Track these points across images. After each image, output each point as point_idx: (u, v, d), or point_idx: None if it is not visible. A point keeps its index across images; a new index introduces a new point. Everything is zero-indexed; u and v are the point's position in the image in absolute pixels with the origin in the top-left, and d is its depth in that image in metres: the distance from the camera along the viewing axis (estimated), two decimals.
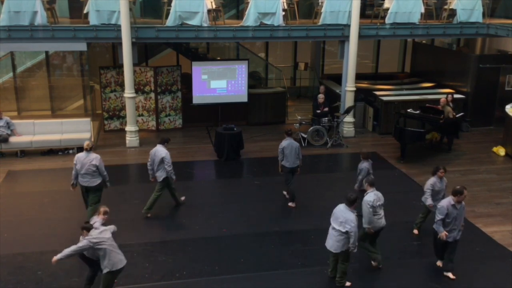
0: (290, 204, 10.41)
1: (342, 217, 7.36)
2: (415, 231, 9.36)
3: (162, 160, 9.51)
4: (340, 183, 11.86)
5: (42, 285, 7.63)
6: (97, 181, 9.14)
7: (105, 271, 6.80)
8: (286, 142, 10.17)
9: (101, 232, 6.81)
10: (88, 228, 6.84)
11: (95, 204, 9.10)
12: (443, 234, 7.67)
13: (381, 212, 8.06)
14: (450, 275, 7.96)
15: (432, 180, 8.89)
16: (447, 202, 7.82)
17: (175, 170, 9.73)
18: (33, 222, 9.56)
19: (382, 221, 8.04)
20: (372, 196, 7.99)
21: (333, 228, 7.48)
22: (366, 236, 8.10)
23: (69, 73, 16.57)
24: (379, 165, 12.79)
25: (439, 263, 8.23)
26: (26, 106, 15.98)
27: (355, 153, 13.71)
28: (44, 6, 12.42)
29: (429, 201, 8.81)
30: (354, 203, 7.36)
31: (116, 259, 6.80)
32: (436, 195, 8.84)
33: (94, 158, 9.04)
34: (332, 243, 7.54)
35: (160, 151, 9.57)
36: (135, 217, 9.80)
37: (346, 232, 7.31)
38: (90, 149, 9.13)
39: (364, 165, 10.19)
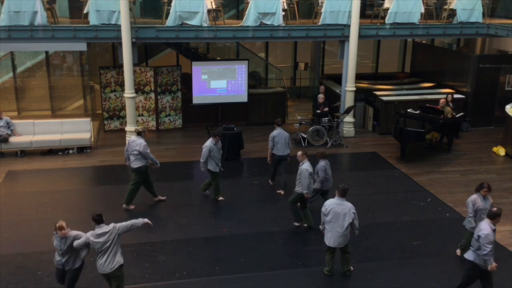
0: (279, 191, 10.88)
1: (342, 211, 7.52)
2: (458, 252, 8.61)
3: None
4: (340, 183, 11.82)
5: (42, 285, 7.63)
6: (138, 163, 9.82)
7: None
8: (276, 132, 10.78)
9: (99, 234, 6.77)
10: (98, 220, 6.80)
11: (133, 184, 9.96)
12: (494, 266, 6.83)
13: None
14: None
15: (473, 197, 8.08)
16: (489, 228, 6.86)
17: (176, 170, 9.73)
18: (33, 222, 9.56)
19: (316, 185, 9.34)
20: (308, 165, 9.06)
21: (337, 226, 7.57)
22: (298, 200, 9.19)
23: (69, 73, 16.57)
24: (379, 165, 12.82)
25: None
26: (26, 106, 15.99)
27: (355, 153, 13.74)
28: (44, 6, 12.42)
29: (471, 224, 7.99)
30: (346, 193, 7.69)
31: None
32: (479, 215, 7.98)
33: (139, 143, 9.73)
34: (336, 239, 7.65)
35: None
36: (135, 217, 9.75)
37: (350, 223, 7.55)
38: (139, 134, 9.89)
39: (321, 164, 9.72)
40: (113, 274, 6.75)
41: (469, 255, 7.13)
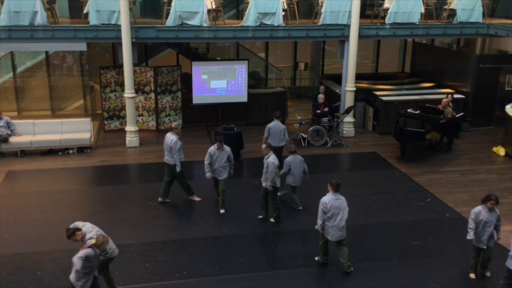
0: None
1: (341, 205, 7.80)
2: (472, 275, 8.04)
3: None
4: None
5: (42, 285, 7.63)
6: (171, 161, 10.02)
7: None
8: (273, 124, 11.26)
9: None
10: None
11: (165, 181, 10.20)
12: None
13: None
14: None
15: (477, 209, 7.73)
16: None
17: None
18: (33, 222, 9.56)
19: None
20: (274, 158, 9.27)
21: (337, 221, 7.78)
22: (270, 193, 9.37)
23: (69, 73, 16.57)
24: (379, 165, 12.82)
25: None
26: (26, 106, 15.99)
27: (355, 153, 13.75)
28: (44, 6, 12.42)
29: (469, 235, 7.72)
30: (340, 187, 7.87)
31: None
32: (482, 228, 7.70)
33: (171, 140, 9.95)
34: (338, 233, 7.85)
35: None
36: (135, 217, 9.80)
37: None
38: (171, 130, 10.16)
39: (287, 159, 9.85)
40: None
41: (509, 263, 7.11)
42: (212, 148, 9.89)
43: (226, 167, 9.94)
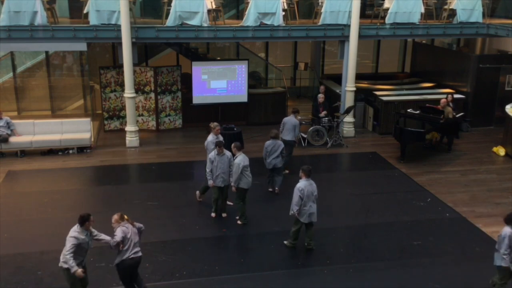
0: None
1: (313, 190, 8.34)
2: None
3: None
4: (340, 183, 11.88)
5: (42, 285, 7.64)
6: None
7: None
8: (288, 118, 11.72)
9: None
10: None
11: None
12: None
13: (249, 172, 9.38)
14: None
15: (507, 231, 6.96)
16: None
17: (176, 170, 9.72)
18: (33, 222, 9.56)
19: (250, 181, 9.39)
20: (241, 159, 9.27)
21: (312, 202, 8.36)
22: (242, 194, 9.41)
23: (69, 73, 16.57)
24: (379, 165, 12.82)
25: None
26: (26, 106, 15.98)
27: (355, 153, 13.75)
28: (44, 6, 12.42)
29: (506, 263, 6.96)
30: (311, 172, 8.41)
31: None
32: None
33: (208, 140, 10.20)
34: (312, 216, 8.43)
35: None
36: (135, 217, 9.76)
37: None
38: (210, 130, 10.39)
39: (268, 142, 10.44)
40: None
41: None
42: (212, 154, 9.55)
43: (229, 174, 9.50)
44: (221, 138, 10.22)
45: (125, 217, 6.98)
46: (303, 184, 8.24)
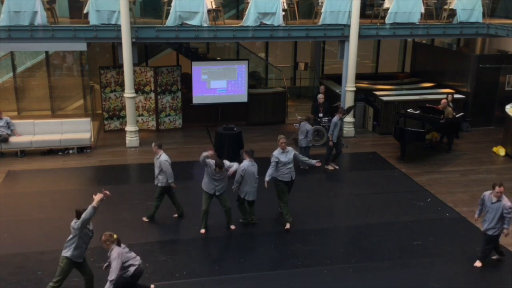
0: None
1: (255, 170, 9.03)
2: None
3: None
4: (340, 183, 11.87)
5: (42, 285, 7.62)
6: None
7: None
8: (303, 123, 12.07)
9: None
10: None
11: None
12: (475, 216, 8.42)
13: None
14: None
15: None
16: (489, 191, 8.13)
17: (176, 170, 9.68)
18: (33, 222, 9.56)
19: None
20: (166, 157, 9.29)
21: (254, 182, 9.05)
22: (164, 193, 9.54)
23: (69, 73, 16.57)
24: (379, 165, 12.82)
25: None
26: (26, 106, 15.99)
27: (355, 153, 13.75)
28: (44, 6, 12.42)
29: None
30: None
31: None
32: None
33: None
34: (253, 193, 9.18)
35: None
36: (135, 217, 9.80)
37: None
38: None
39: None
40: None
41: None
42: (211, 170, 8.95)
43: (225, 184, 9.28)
44: (288, 150, 9.47)
45: (115, 236, 6.80)
46: (246, 164, 9.00)
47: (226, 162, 9.01)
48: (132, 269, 6.80)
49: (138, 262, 6.91)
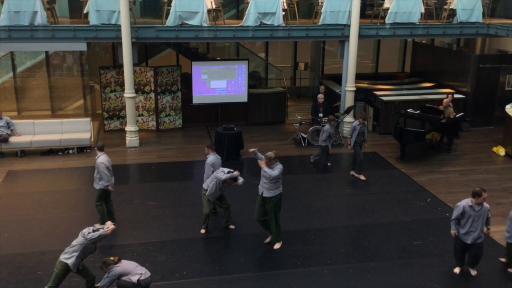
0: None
1: (220, 162, 9.45)
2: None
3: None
4: (340, 183, 11.86)
5: (42, 285, 7.61)
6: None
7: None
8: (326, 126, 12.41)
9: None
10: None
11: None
12: (452, 232, 7.88)
13: None
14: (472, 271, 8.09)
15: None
16: (465, 202, 7.87)
17: (176, 170, 9.71)
18: (33, 222, 9.56)
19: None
20: (103, 158, 9.03)
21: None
22: (103, 196, 9.23)
23: (69, 73, 16.57)
24: (379, 165, 12.82)
25: (456, 269, 8.13)
26: (26, 106, 15.98)
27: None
28: (44, 6, 12.42)
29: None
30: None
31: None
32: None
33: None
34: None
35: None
36: (135, 217, 9.80)
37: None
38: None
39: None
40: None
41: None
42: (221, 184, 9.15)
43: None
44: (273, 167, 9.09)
45: (112, 258, 6.87)
46: (213, 158, 9.35)
47: (239, 179, 9.30)
48: (135, 278, 6.78)
49: (145, 276, 6.89)
